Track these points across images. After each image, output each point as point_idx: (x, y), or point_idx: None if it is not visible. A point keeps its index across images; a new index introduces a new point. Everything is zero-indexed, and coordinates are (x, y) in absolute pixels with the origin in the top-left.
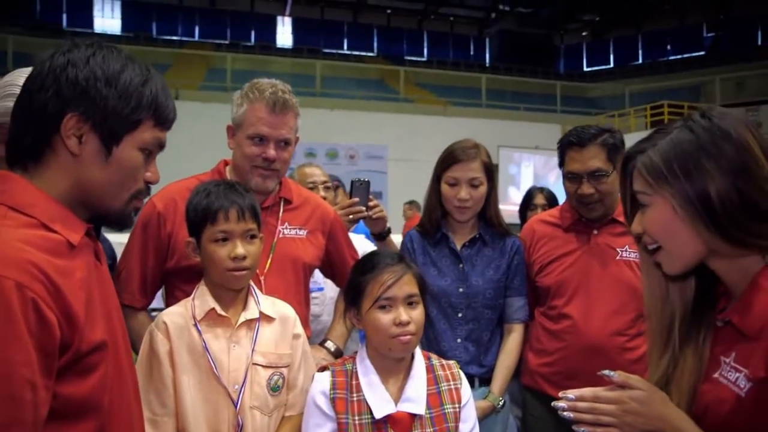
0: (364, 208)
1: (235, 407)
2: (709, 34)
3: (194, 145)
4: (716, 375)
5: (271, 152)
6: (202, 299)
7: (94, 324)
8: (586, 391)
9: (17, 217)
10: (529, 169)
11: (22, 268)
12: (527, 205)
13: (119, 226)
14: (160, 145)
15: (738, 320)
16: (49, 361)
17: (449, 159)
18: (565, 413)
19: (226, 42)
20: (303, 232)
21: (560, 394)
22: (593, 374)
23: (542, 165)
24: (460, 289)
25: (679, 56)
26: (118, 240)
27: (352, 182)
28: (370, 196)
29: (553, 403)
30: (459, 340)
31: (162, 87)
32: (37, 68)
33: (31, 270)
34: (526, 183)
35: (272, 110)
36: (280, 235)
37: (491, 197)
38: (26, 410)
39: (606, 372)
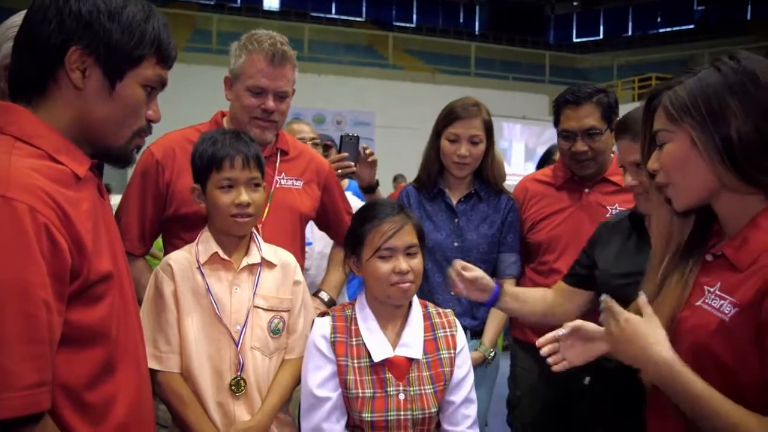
0: (353, 164)
1: (237, 347)
2: (700, 8)
3: (179, 106)
4: (699, 303)
5: (270, 104)
6: (206, 244)
7: (100, 255)
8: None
9: (24, 147)
10: (520, 144)
11: (34, 193)
12: (547, 161)
13: (121, 164)
14: (162, 83)
15: (731, 253)
16: (60, 286)
17: (450, 115)
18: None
19: (212, 3)
20: (299, 183)
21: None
22: None
23: (531, 138)
24: (455, 243)
25: (668, 29)
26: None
27: (342, 137)
28: (363, 145)
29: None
30: (453, 293)
31: (164, 24)
32: (38, 0)
33: (42, 196)
34: (518, 158)
35: (271, 62)
36: (277, 185)
37: (489, 155)
38: (43, 329)
39: (604, 296)
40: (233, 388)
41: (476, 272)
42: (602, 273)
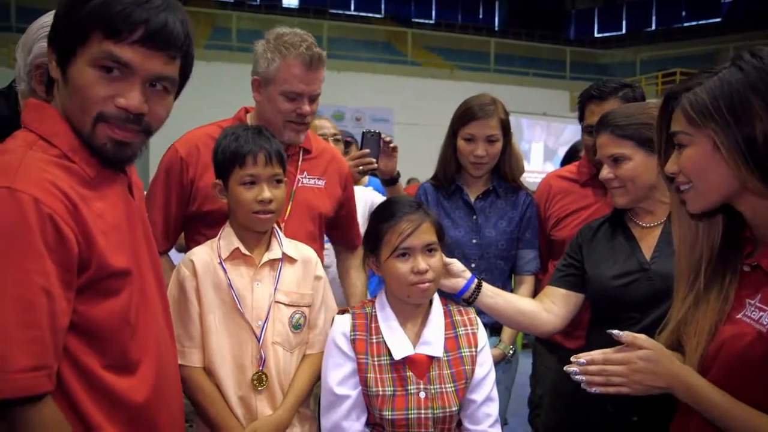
0: (374, 160)
1: (258, 342)
2: (727, 0)
3: (199, 104)
4: (739, 316)
5: (306, 108)
6: (227, 240)
7: (117, 252)
8: (596, 354)
9: (44, 145)
10: (539, 144)
11: (40, 185)
12: (572, 158)
13: (109, 163)
14: (117, 61)
15: (767, 264)
16: (67, 275)
17: (467, 115)
18: (576, 377)
19: (231, 0)
20: (321, 183)
21: (572, 359)
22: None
23: (551, 138)
24: (474, 240)
25: (694, 23)
26: None
27: (363, 134)
28: (385, 137)
29: (565, 368)
30: None
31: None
32: None
33: (50, 188)
34: (537, 157)
35: (308, 67)
36: (299, 184)
37: (506, 152)
38: (42, 315)
39: (614, 332)
40: (255, 382)
41: (449, 259)
42: (598, 278)
